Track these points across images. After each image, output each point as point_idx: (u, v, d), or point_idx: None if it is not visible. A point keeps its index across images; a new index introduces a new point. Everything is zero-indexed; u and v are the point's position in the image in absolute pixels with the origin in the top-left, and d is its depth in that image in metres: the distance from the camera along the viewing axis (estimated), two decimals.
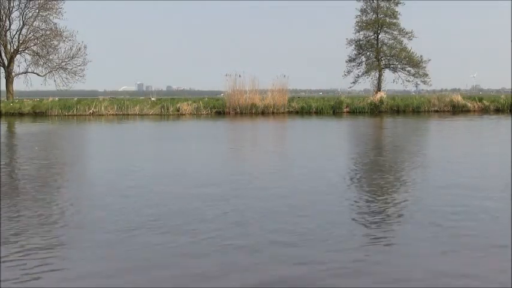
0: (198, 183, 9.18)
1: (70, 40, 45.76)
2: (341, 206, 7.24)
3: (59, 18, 45.86)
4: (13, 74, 45.33)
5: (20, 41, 45.21)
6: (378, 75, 48.89)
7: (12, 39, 45.40)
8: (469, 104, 37.50)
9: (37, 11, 45.02)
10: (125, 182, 9.41)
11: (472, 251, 5.26)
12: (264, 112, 35.29)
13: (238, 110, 35.29)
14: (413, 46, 49.42)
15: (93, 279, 4.63)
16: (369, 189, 8.64)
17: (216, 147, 15.59)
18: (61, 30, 45.46)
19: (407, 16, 76.19)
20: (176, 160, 12.70)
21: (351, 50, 49.94)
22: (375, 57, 48.88)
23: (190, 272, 4.76)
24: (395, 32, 48.52)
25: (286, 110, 36.21)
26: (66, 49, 46.02)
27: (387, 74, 49.99)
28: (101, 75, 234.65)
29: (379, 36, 48.99)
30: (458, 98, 37.90)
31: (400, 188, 8.75)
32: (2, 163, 11.71)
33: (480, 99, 38.36)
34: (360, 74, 49.69)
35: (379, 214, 6.80)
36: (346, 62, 50.07)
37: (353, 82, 50.39)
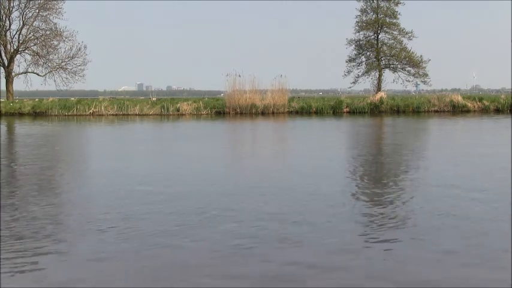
0: (199, 183, 9.18)
1: (70, 40, 45.89)
2: (340, 207, 7.23)
3: (59, 18, 46.04)
4: (13, 74, 45.37)
5: (20, 41, 45.25)
6: (377, 75, 48.93)
7: (12, 39, 45.49)
8: (469, 104, 37.49)
9: (37, 11, 45.07)
10: (129, 182, 9.41)
11: (471, 252, 5.26)
12: (264, 112, 35.29)
13: (238, 110, 35.29)
14: (413, 46, 49.55)
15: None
16: (369, 190, 8.63)
17: (217, 148, 15.58)
18: (61, 30, 45.58)
19: (407, 16, 76.54)
20: (178, 160, 12.69)
21: (351, 50, 50.10)
22: (375, 57, 48.92)
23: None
24: (395, 32, 48.60)
25: (286, 110, 36.20)
26: (66, 49, 46.16)
27: (387, 74, 50.15)
28: (101, 75, 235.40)
29: (379, 36, 49.08)
30: (458, 98, 37.90)
31: (400, 188, 8.74)
32: (29, 162, 11.72)
33: (480, 99, 38.35)
34: (360, 74, 49.82)
35: (379, 216, 6.79)
36: (346, 62, 50.20)
37: (353, 82, 50.53)
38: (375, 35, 49.05)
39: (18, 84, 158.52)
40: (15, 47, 45.23)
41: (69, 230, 6.17)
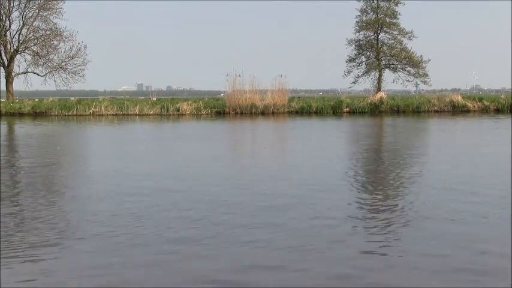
0: (198, 183, 9.18)
1: (70, 40, 45.88)
2: (340, 207, 7.23)
3: (59, 18, 46.01)
4: (13, 74, 45.35)
5: (20, 41, 45.24)
6: (377, 75, 48.90)
7: (12, 39, 45.48)
8: (469, 104, 37.49)
9: (37, 11, 45.06)
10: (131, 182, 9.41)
11: (470, 253, 5.27)
12: (264, 112, 35.27)
13: (238, 110, 35.28)
14: (413, 46, 49.48)
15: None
16: (370, 190, 8.63)
17: (217, 148, 15.58)
18: (61, 30, 45.56)
19: (407, 16, 76.45)
20: (179, 161, 12.69)
21: (351, 50, 50.06)
22: (375, 57, 48.88)
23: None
24: (395, 32, 48.56)
25: (286, 110, 36.19)
26: (66, 49, 46.15)
27: (387, 74, 50.08)
28: (101, 75, 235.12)
29: (379, 36, 49.03)
30: (458, 98, 37.89)
31: (401, 189, 8.74)
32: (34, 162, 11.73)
33: (480, 99, 38.34)
34: (360, 74, 49.77)
35: (379, 217, 6.80)
36: (346, 62, 50.16)
37: (353, 82, 50.48)
38: (375, 35, 49.02)
39: (18, 84, 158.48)
40: (15, 47, 45.22)
41: (71, 231, 6.17)
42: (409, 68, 48.93)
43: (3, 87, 45.56)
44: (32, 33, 45.49)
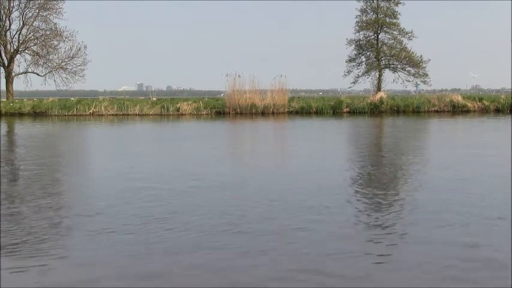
0: (199, 182, 9.19)
1: (70, 40, 45.90)
2: (340, 208, 7.23)
3: (59, 18, 46.04)
4: (13, 74, 45.35)
5: (20, 41, 45.26)
6: (377, 75, 48.92)
7: (12, 39, 45.50)
8: (469, 104, 37.49)
9: (37, 11, 45.08)
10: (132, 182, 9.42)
11: (471, 253, 5.27)
12: (264, 112, 35.27)
13: (238, 110, 35.28)
14: (413, 46, 49.49)
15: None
16: (371, 191, 8.63)
17: (217, 148, 15.58)
18: (61, 30, 45.58)
19: (407, 16, 76.49)
20: (180, 161, 12.69)
21: (351, 50, 50.08)
22: (375, 57, 48.89)
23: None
24: (395, 32, 48.59)
25: (286, 110, 36.18)
26: (66, 49, 46.17)
27: (387, 74, 50.10)
28: (101, 75, 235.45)
29: (379, 36, 49.06)
30: (458, 98, 37.89)
31: (401, 189, 8.75)
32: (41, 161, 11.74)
33: (480, 99, 38.34)
34: (360, 74, 49.79)
35: (380, 218, 6.80)
36: (346, 62, 50.18)
37: (353, 82, 50.51)
38: (375, 35, 49.04)
39: (18, 84, 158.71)
40: (15, 47, 45.23)
41: (72, 231, 6.17)
42: (409, 68, 48.96)
43: (3, 87, 45.64)
44: (32, 33, 45.52)
